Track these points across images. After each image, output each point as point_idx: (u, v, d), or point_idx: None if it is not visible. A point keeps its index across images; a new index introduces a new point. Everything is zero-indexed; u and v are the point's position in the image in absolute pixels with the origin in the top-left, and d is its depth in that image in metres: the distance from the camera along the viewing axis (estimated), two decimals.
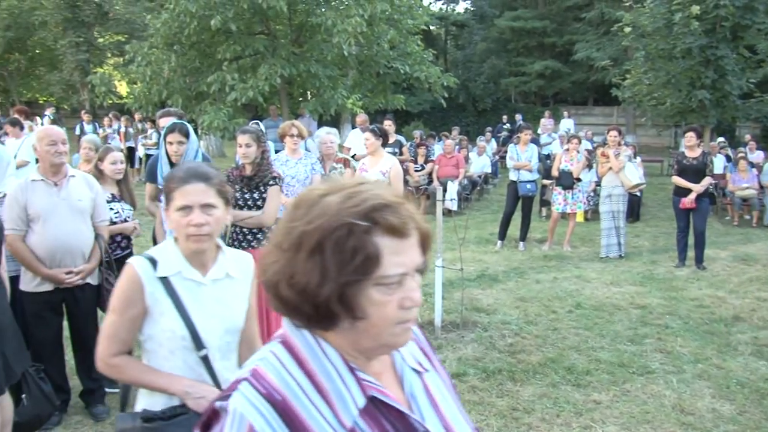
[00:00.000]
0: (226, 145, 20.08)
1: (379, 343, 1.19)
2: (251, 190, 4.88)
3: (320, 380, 1.18)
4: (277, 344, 1.24)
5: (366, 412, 1.17)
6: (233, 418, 1.15)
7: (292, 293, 1.15)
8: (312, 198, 1.17)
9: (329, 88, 13.79)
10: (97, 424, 4.35)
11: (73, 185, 4.28)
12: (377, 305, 1.14)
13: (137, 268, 2.19)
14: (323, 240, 1.11)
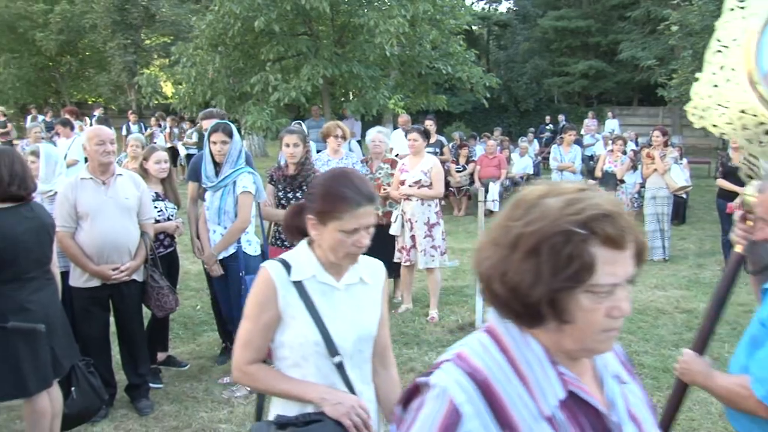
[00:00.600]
0: (269, 144, 20.29)
1: (582, 347, 1.21)
2: (293, 190, 4.93)
3: (522, 368, 1.21)
4: (482, 333, 1.29)
5: (565, 405, 1.20)
6: (435, 392, 1.20)
7: (504, 290, 1.18)
8: (531, 199, 1.20)
9: (371, 88, 13.83)
10: (141, 418, 4.44)
11: (120, 184, 4.38)
12: (585, 311, 1.16)
13: (271, 272, 2.11)
14: (540, 244, 1.13)
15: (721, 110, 2.50)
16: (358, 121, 15.23)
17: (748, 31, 2.45)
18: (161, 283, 4.62)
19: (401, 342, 5.79)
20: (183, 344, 5.81)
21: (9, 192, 3.48)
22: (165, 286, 4.65)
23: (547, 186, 1.22)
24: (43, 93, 31.67)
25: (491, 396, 1.17)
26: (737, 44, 2.48)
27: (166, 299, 4.63)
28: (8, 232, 3.43)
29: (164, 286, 4.64)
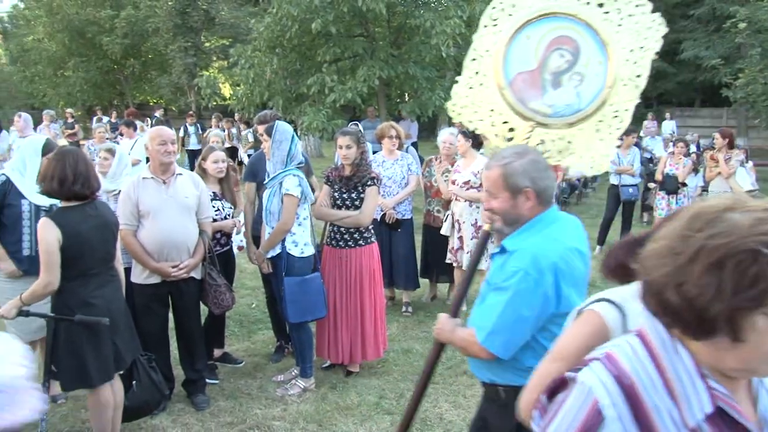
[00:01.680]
0: (325, 145, 20.46)
1: (744, 368, 1.20)
2: (349, 190, 4.96)
3: (670, 376, 1.21)
4: (633, 336, 1.30)
5: (711, 420, 1.19)
6: (580, 390, 1.22)
7: (679, 299, 1.17)
8: (714, 211, 1.18)
9: (427, 89, 13.78)
10: (198, 413, 4.53)
11: (180, 183, 4.48)
12: (760, 333, 1.14)
13: (604, 317, 1.85)
14: (725, 259, 1.12)
15: (476, 109, 3.00)
16: (414, 122, 15.19)
17: (497, 44, 2.97)
18: (218, 281, 4.69)
19: None
20: (238, 341, 5.90)
21: (73, 191, 3.59)
22: (222, 284, 4.73)
23: (731, 200, 1.19)
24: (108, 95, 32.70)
25: (635, 401, 1.18)
26: (489, 55, 2.99)
27: (223, 297, 4.71)
28: (73, 229, 3.55)
29: (221, 284, 4.72)
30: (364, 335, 5.05)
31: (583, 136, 2.91)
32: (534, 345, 2.39)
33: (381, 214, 6.33)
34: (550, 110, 2.90)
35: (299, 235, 4.70)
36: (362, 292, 5.02)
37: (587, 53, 2.88)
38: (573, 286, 2.37)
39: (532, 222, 2.45)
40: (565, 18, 2.91)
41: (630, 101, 2.87)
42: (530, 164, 2.41)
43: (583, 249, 2.50)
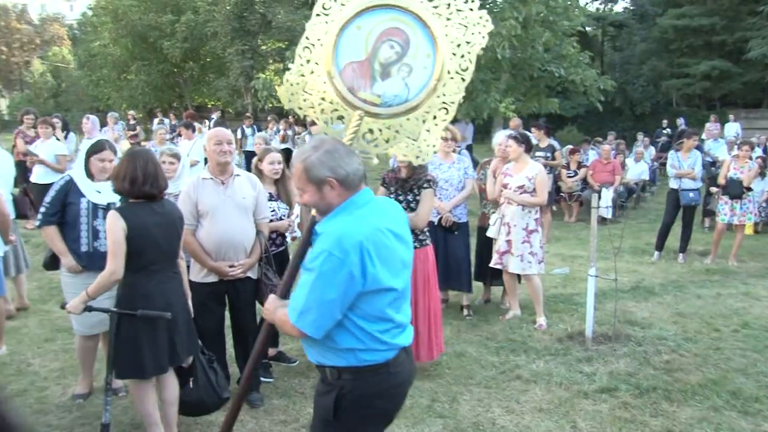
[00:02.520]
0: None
1: None
2: (405, 192, 4.97)
3: None
4: None
5: None
6: None
7: None
8: None
9: (482, 92, 13.71)
10: (252, 410, 4.59)
11: (238, 184, 4.56)
12: None
13: None
14: None
15: (306, 96, 3.10)
16: (470, 125, 15.11)
17: (329, 34, 3.03)
18: (274, 281, 4.74)
19: (508, 348, 5.71)
20: (292, 341, 5.96)
21: (143, 190, 3.75)
22: (277, 284, 4.77)
23: None
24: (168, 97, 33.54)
25: None
26: (321, 44, 3.05)
27: None
28: (138, 223, 3.69)
29: (277, 284, 4.76)
30: (418, 337, 5.05)
31: (410, 126, 3.01)
32: (347, 324, 2.48)
33: (437, 217, 6.32)
34: (379, 100, 2.99)
35: None
36: (416, 294, 5.01)
37: (416, 45, 2.96)
38: (384, 264, 2.45)
39: (343, 206, 2.53)
40: (395, 10, 2.97)
41: (456, 94, 3.00)
42: (326, 155, 2.50)
43: (399, 230, 2.60)
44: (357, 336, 2.49)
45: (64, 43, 57.09)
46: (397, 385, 2.66)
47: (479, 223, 6.98)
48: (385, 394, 2.61)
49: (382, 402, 2.63)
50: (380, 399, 2.61)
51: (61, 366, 5.36)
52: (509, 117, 13.77)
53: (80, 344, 4.82)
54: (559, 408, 4.63)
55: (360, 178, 2.57)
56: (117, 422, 4.33)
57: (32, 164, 9.45)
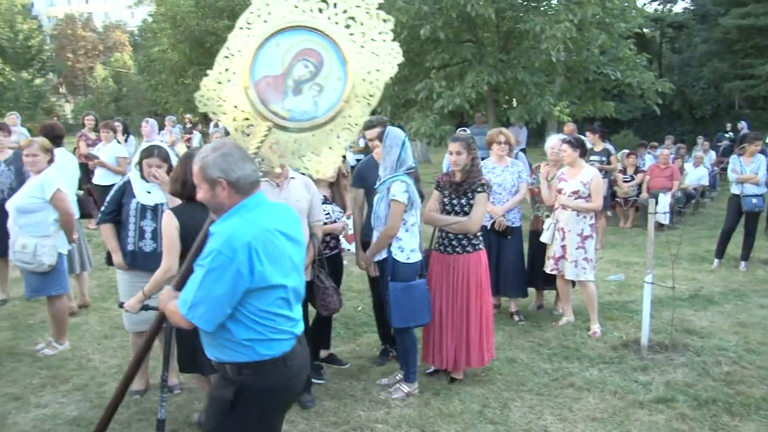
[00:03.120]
0: (432, 151, 20.50)
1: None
2: (459, 197, 4.95)
3: None
4: None
5: None
6: None
7: None
8: None
9: (536, 95, 13.55)
10: (303, 411, 4.63)
11: (293, 186, 4.61)
12: None
13: None
14: None
15: (221, 102, 3.30)
16: (524, 128, 14.97)
17: (249, 46, 3.23)
18: (327, 283, 4.79)
19: (561, 355, 5.63)
20: (344, 343, 6.01)
21: (194, 192, 3.80)
22: (330, 287, 4.82)
23: None
24: None
25: None
26: (240, 55, 3.25)
27: (330, 299, 4.80)
28: (188, 222, 3.78)
29: (329, 287, 4.81)
30: (469, 342, 5.02)
31: (314, 142, 3.24)
32: (240, 318, 2.65)
33: (490, 221, 6.28)
34: (288, 114, 3.20)
35: (406, 240, 4.73)
36: (468, 298, 4.99)
37: (329, 67, 3.19)
38: (272, 263, 2.63)
39: (235, 208, 2.70)
40: (314, 32, 3.20)
41: (361, 117, 3.26)
42: (221, 157, 2.67)
43: (290, 231, 2.79)
44: (253, 328, 2.67)
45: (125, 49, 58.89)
46: (294, 376, 2.84)
47: (531, 228, 6.90)
48: (283, 386, 2.80)
49: (280, 394, 2.82)
50: (278, 392, 2.79)
51: (119, 362, 5.51)
52: (563, 120, 13.58)
53: (133, 341, 4.98)
54: (613, 417, 4.54)
55: (252, 183, 2.73)
56: (172, 419, 4.42)
57: (94, 166, 9.75)
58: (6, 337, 6.12)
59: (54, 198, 5.45)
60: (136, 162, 4.80)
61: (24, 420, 4.55)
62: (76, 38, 62.84)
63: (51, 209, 5.50)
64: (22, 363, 5.52)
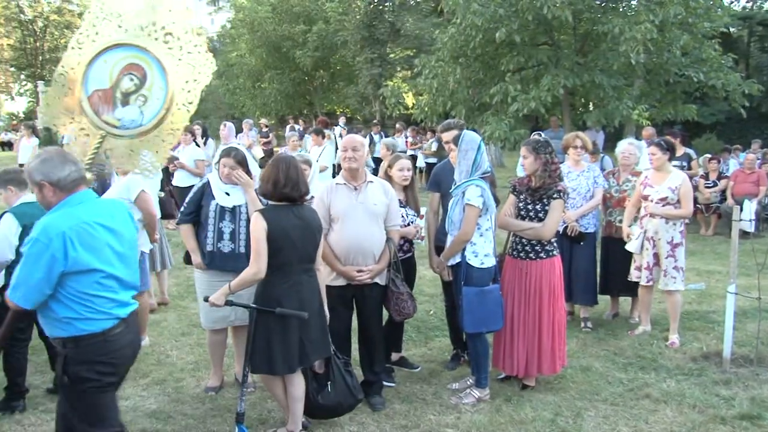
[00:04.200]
0: (506, 155, 20.28)
1: None
2: (534, 202, 4.88)
3: None
4: None
5: None
6: None
7: None
8: None
9: (614, 98, 13.23)
10: (374, 414, 4.66)
11: (370, 190, 4.65)
12: None
13: None
14: None
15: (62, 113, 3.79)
16: (600, 132, 14.63)
17: (80, 64, 3.76)
18: (401, 288, 4.78)
19: (637, 365, 5.48)
20: (415, 347, 6.01)
21: (283, 193, 3.98)
22: (405, 292, 4.81)
23: None
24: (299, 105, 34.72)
25: None
26: (73, 72, 3.76)
27: (404, 304, 4.79)
28: (278, 224, 3.90)
29: (404, 292, 4.80)
30: (541, 349, 4.94)
31: (142, 147, 3.74)
32: (61, 298, 3.05)
33: (564, 226, 6.17)
34: (119, 123, 3.70)
35: (480, 245, 4.70)
36: (541, 305, 4.91)
37: (152, 80, 3.68)
38: (88, 251, 3.05)
39: (60, 204, 3.12)
40: (137, 49, 3.69)
41: (182, 122, 3.78)
42: (41, 163, 3.10)
43: (112, 224, 3.20)
44: (71, 307, 3.05)
45: None
46: (115, 351, 3.19)
47: (604, 233, 6.72)
48: (104, 359, 3.15)
49: (103, 367, 3.15)
50: (101, 364, 3.14)
51: (195, 359, 5.68)
52: (642, 124, 13.21)
53: (209, 338, 5.12)
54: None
55: (73, 182, 3.13)
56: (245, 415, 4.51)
57: (174, 168, 10.08)
58: None
59: (138, 199, 5.67)
60: (216, 163, 4.95)
61: None
62: None
63: (135, 209, 5.72)
64: None
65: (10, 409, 4.67)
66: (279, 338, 3.95)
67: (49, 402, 4.84)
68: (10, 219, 4.55)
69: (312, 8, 31.15)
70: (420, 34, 26.29)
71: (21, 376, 4.76)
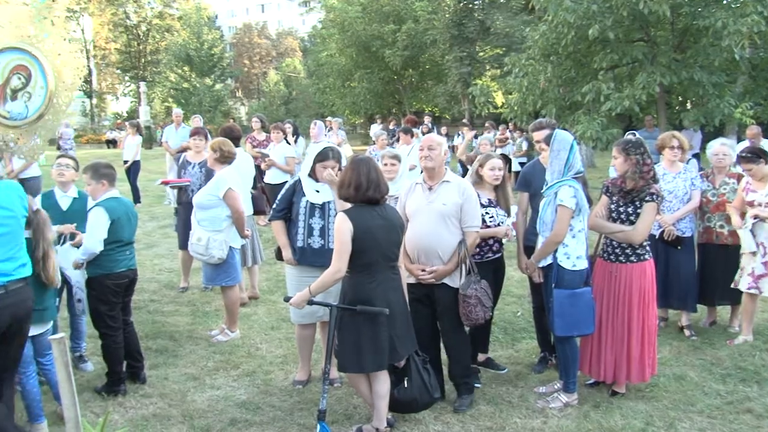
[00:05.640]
0: (597, 155, 19.74)
1: None
2: (626, 204, 4.74)
3: None
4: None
5: None
6: None
7: None
8: None
9: (714, 96, 12.63)
10: (459, 414, 4.64)
11: (444, 190, 4.61)
12: None
13: None
14: None
15: None
16: (698, 132, 14.01)
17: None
18: (470, 292, 4.58)
19: (737, 377, 5.22)
20: (502, 348, 5.94)
21: (366, 196, 4.04)
22: (474, 297, 4.58)
23: None
24: (388, 104, 34.98)
25: None
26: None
27: (472, 309, 4.58)
28: (363, 224, 3.97)
29: (472, 296, 4.58)
30: (630, 355, 4.78)
31: (27, 135, 4.29)
32: None
33: (659, 230, 5.95)
34: (8, 115, 4.22)
35: (572, 247, 4.59)
36: (630, 310, 4.75)
37: (36, 79, 4.22)
38: None
39: None
40: (24, 52, 4.21)
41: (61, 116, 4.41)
42: None
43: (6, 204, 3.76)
44: None
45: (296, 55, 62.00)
46: None
47: (701, 239, 6.39)
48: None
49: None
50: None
51: (284, 353, 5.81)
52: (746, 123, 12.55)
53: (297, 333, 5.23)
54: None
55: None
56: (331, 411, 4.59)
57: (267, 166, 10.34)
58: (186, 322, 6.66)
59: (226, 196, 5.86)
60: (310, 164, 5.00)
61: (200, 398, 4.93)
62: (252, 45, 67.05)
63: (224, 206, 5.91)
64: (198, 346, 5.98)
65: (114, 392, 4.94)
66: (368, 336, 4.01)
67: (149, 387, 5.10)
68: (102, 213, 4.81)
69: (401, 7, 31.33)
70: (510, 32, 25.96)
71: (119, 364, 5.01)
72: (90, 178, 4.93)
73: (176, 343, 6.05)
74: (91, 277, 4.93)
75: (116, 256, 4.91)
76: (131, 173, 13.99)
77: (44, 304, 4.30)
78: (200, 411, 4.72)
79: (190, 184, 7.27)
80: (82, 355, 5.52)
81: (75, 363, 5.37)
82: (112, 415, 4.55)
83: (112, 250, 4.86)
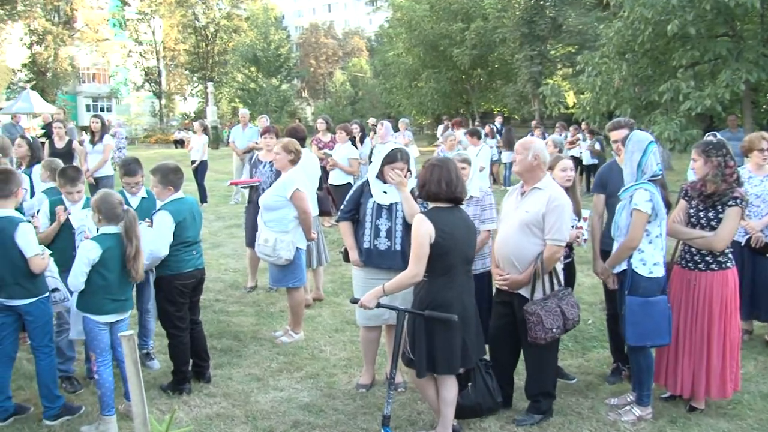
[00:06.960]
0: (675, 157, 19.02)
1: None
2: (707, 209, 4.47)
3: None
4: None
5: None
6: None
7: None
8: None
9: None
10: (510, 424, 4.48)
11: (532, 197, 4.41)
12: None
13: None
14: None
15: None
16: None
17: None
18: (531, 309, 4.31)
19: None
20: (572, 357, 5.72)
21: (455, 194, 3.97)
22: (534, 314, 4.29)
23: None
24: (455, 104, 34.75)
25: None
26: None
27: (531, 327, 4.31)
28: (445, 226, 3.88)
29: (533, 314, 4.30)
30: (709, 369, 4.50)
31: None
32: None
33: (745, 237, 5.62)
34: None
35: (648, 253, 4.35)
36: (711, 321, 4.48)
37: None
38: None
39: None
40: None
41: None
42: None
43: None
44: None
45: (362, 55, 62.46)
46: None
47: None
48: None
49: None
50: None
51: (348, 356, 5.74)
52: None
53: (362, 336, 5.15)
54: None
55: None
56: (394, 416, 4.48)
57: (331, 167, 10.32)
58: (251, 322, 6.68)
59: (293, 197, 5.83)
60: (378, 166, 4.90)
61: (264, 399, 4.91)
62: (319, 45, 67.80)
63: (291, 207, 5.89)
64: (262, 347, 5.98)
65: (179, 390, 4.99)
66: (442, 339, 3.93)
67: (213, 386, 5.12)
68: (167, 216, 4.84)
69: (470, 5, 31.06)
70: (583, 29, 25.32)
71: (185, 364, 5.05)
72: (158, 181, 4.96)
73: (240, 344, 6.07)
74: (159, 276, 4.99)
75: (183, 256, 4.94)
76: (198, 173, 14.23)
77: (126, 295, 4.54)
78: (263, 412, 4.71)
79: (260, 183, 7.29)
80: (149, 352, 5.59)
81: (142, 360, 5.44)
82: (177, 413, 4.57)
83: (178, 251, 4.90)
